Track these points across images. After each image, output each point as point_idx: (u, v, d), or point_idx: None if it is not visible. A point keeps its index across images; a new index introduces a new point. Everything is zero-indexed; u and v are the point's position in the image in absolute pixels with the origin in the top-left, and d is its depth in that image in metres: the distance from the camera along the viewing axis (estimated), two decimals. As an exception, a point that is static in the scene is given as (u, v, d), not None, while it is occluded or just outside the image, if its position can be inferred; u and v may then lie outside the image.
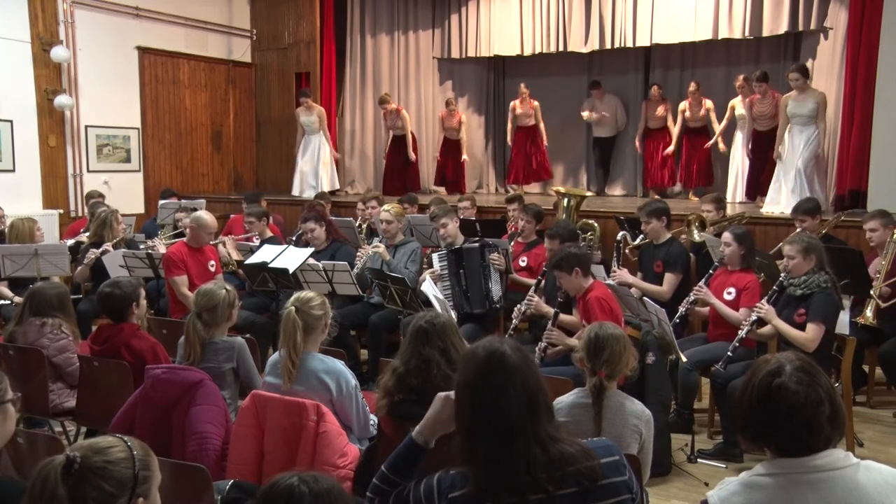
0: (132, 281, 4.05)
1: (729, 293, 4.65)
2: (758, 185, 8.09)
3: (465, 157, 10.25)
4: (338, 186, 10.00)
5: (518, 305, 4.88)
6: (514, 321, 4.87)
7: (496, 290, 5.38)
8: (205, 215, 5.76)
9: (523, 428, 1.78)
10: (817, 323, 4.07)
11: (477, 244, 5.43)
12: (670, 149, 9.40)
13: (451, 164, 10.34)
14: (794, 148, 7.23)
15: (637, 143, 9.93)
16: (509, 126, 10.31)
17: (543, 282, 4.89)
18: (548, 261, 5.01)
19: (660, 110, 9.60)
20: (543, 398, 1.84)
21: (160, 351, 3.80)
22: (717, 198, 6.62)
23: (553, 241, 4.97)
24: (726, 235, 4.74)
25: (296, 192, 9.86)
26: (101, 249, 5.97)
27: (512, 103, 10.21)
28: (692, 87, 9.14)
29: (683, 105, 9.29)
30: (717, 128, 8.90)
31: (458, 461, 1.86)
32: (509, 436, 1.77)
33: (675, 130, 9.42)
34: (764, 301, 4.27)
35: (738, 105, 8.42)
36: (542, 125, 10.12)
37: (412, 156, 10.01)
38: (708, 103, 9.10)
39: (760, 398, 1.71)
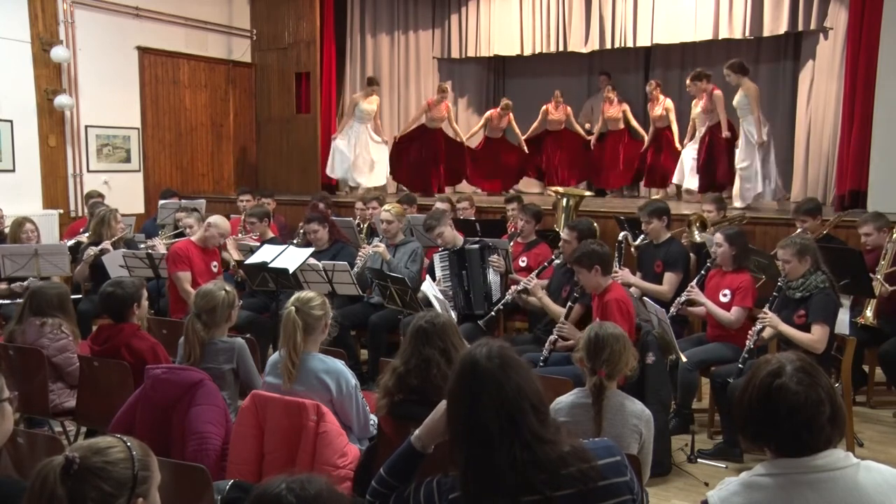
0: (135, 281, 4.04)
1: (724, 295, 4.64)
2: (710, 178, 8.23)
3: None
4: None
5: (513, 286, 4.86)
6: (507, 296, 4.84)
7: (495, 291, 5.37)
8: (220, 219, 5.78)
9: (502, 433, 1.77)
10: (821, 325, 4.06)
11: (477, 246, 5.43)
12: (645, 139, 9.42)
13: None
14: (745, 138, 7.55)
15: (593, 142, 9.97)
16: (535, 125, 10.17)
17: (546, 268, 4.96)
18: (562, 252, 5.00)
19: (613, 111, 9.64)
20: (530, 401, 1.81)
21: (160, 351, 3.80)
22: (719, 198, 6.62)
23: (571, 232, 4.91)
24: (717, 236, 4.73)
25: (349, 179, 9.73)
26: (99, 248, 5.98)
27: (545, 107, 10.09)
28: (651, 86, 9.14)
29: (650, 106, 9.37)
30: (675, 127, 9.02)
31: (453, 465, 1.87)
32: (488, 441, 1.78)
33: (641, 130, 9.52)
34: (766, 309, 4.25)
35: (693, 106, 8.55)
36: (577, 128, 10.17)
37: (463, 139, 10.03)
38: (668, 102, 9.13)
39: (761, 398, 1.71)
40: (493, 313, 4.90)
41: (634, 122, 9.66)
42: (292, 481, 1.54)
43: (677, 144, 8.90)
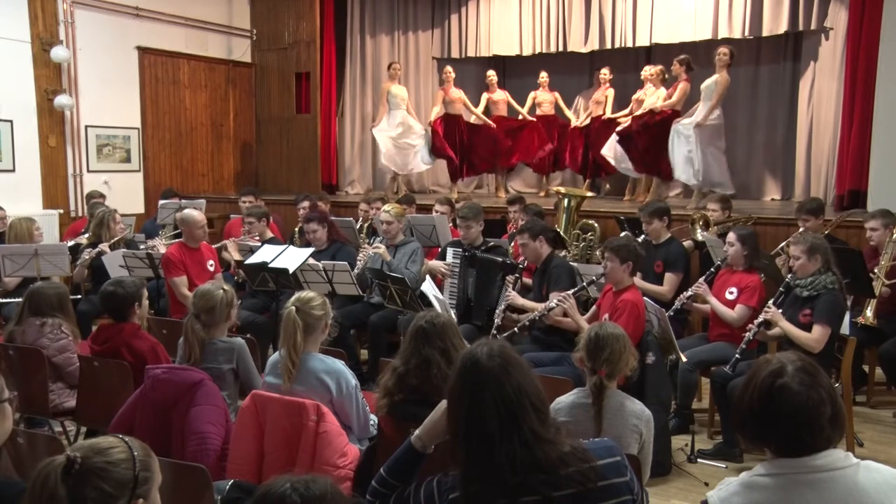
0: (136, 281, 4.05)
1: (731, 293, 4.65)
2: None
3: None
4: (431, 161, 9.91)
5: (498, 309, 4.89)
6: (496, 321, 4.84)
7: (499, 308, 5.32)
8: (191, 212, 5.73)
9: (503, 432, 1.77)
10: (823, 325, 4.06)
11: (501, 260, 5.32)
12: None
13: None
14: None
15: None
16: (524, 109, 10.03)
17: (520, 280, 5.05)
18: (519, 257, 5.08)
19: (598, 94, 9.62)
20: (530, 400, 1.82)
21: (160, 351, 3.80)
22: (723, 198, 6.61)
23: (523, 235, 4.93)
24: (731, 236, 4.73)
25: (400, 168, 9.73)
26: (96, 250, 5.97)
27: (532, 93, 10.00)
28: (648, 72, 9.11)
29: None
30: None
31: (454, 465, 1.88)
32: (489, 441, 1.78)
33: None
34: (770, 303, 4.25)
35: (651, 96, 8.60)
36: (567, 112, 10.13)
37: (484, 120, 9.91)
38: (609, 92, 9.28)
39: (761, 398, 1.71)
40: (497, 322, 4.90)
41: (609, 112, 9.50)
42: (297, 481, 1.54)
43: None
